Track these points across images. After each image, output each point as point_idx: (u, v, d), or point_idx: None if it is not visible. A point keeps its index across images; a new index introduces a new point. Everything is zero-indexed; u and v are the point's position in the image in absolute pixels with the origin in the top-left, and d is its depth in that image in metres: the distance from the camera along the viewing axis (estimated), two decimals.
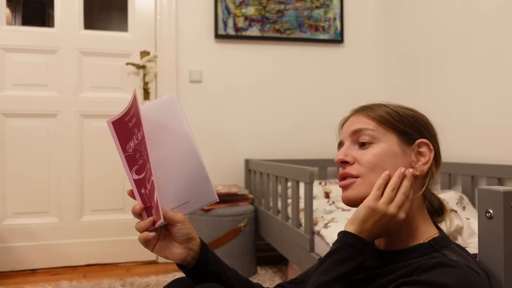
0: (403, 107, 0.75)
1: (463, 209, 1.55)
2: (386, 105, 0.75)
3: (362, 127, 0.72)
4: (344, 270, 0.64)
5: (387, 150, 0.70)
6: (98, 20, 2.60)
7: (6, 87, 2.32)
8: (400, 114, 0.72)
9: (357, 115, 0.76)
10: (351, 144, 0.74)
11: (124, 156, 0.71)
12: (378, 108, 0.74)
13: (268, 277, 2.15)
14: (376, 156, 0.70)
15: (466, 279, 0.57)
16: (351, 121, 0.76)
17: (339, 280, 0.63)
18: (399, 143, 0.71)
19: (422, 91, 2.18)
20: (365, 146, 0.71)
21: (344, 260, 0.65)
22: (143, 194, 0.69)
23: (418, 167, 0.71)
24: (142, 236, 0.67)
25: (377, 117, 0.72)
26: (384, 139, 0.71)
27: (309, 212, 1.50)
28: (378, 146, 0.71)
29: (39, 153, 2.36)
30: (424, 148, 0.71)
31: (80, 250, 2.39)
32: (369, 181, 0.69)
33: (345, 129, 0.76)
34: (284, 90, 2.61)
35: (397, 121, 0.71)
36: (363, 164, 0.70)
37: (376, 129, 0.71)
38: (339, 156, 0.73)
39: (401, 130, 0.71)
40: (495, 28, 1.71)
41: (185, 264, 0.73)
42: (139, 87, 2.47)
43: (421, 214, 0.71)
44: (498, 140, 1.69)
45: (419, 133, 0.72)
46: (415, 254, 0.67)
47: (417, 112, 0.76)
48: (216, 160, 2.51)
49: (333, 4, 2.62)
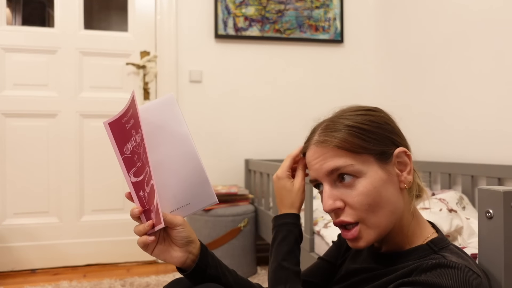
0: (360, 114, 0.68)
1: (463, 209, 1.55)
2: (343, 120, 0.68)
3: (338, 165, 0.65)
4: (287, 248, 0.74)
5: (374, 181, 0.64)
6: (98, 20, 2.60)
7: (6, 87, 2.32)
8: (366, 130, 0.66)
9: (322, 148, 0.68)
10: (332, 185, 0.67)
11: (121, 158, 0.70)
12: (340, 132, 0.66)
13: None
14: (366, 195, 0.64)
15: (465, 280, 0.56)
16: (318, 156, 0.68)
17: (286, 258, 0.73)
18: (380, 167, 0.66)
19: (422, 91, 2.18)
20: (348, 181, 0.65)
21: (283, 239, 0.74)
22: (142, 197, 0.68)
23: (404, 180, 0.67)
24: (141, 240, 0.66)
25: (348, 146, 0.65)
26: (365, 170, 0.65)
27: (309, 212, 1.50)
28: (363, 180, 0.65)
29: (39, 153, 2.36)
30: (402, 157, 0.68)
31: (80, 250, 2.39)
32: (372, 224, 0.65)
33: (314, 166, 0.69)
34: (284, 90, 2.61)
35: (369, 143, 0.65)
36: (356, 208, 0.65)
37: (354, 162, 0.65)
38: (327, 204, 0.66)
39: (378, 152, 0.66)
40: (495, 28, 1.71)
41: (184, 267, 0.72)
42: (139, 87, 2.47)
43: (414, 218, 0.70)
44: (498, 140, 1.69)
45: (392, 143, 0.67)
46: (413, 256, 0.66)
47: (375, 112, 0.70)
48: (216, 160, 2.51)
49: (333, 4, 2.62)
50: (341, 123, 0.67)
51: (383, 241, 0.72)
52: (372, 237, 0.66)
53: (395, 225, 0.68)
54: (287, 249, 0.74)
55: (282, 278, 0.72)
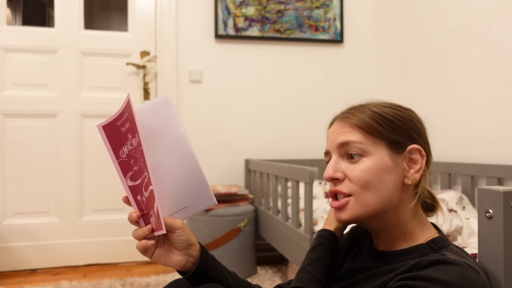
0: (389, 106, 0.71)
1: (463, 209, 1.55)
2: (371, 106, 0.71)
3: (349, 139, 0.69)
4: (315, 256, 0.80)
5: (378, 164, 0.67)
6: (98, 20, 2.60)
7: (6, 87, 2.32)
8: (387, 119, 0.69)
9: (342, 122, 0.72)
10: (339, 157, 0.71)
11: (117, 162, 0.68)
12: (363, 114, 0.70)
13: (268, 277, 2.15)
14: (366, 172, 0.67)
15: (464, 276, 0.56)
16: (337, 129, 0.72)
17: (311, 264, 0.78)
18: (389, 154, 0.68)
19: (422, 91, 2.18)
20: (354, 159, 0.69)
21: (313, 248, 0.82)
22: (139, 201, 0.67)
23: (410, 176, 0.69)
24: (141, 244, 0.66)
25: (364, 126, 0.69)
26: (373, 151, 0.68)
27: (309, 212, 1.50)
28: (368, 160, 0.68)
29: (39, 153, 2.36)
30: (415, 154, 0.69)
31: (80, 250, 2.39)
32: (362, 200, 0.68)
33: (330, 138, 0.73)
34: (284, 90, 2.61)
35: (385, 129, 0.68)
36: (354, 181, 0.68)
37: (365, 141, 0.68)
38: (328, 173, 0.70)
39: (390, 140, 0.68)
40: (495, 28, 1.71)
41: (185, 270, 0.72)
42: (139, 87, 2.47)
43: (416, 218, 0.70)
44: (498, 140, 1.69)
45: (409, 139, 0.69)
46: (413, 254, 0.67)
47: (404, 110, 0.72)
48: (216, 160, 2.51)
49: (333, 4, 2.62)
50: (367, 108, 0.71)
51: (381, 236, 0.72)
52: (357, 213, 0.69)
53: (391, 220, 0.69)
54: (315, 257, 0.80)
55: (301, 279, 0.76)
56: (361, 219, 0.69)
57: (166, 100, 0.68)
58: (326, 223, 0.88)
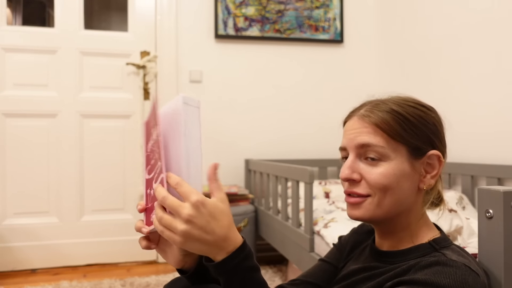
0: (412, 106, 0.70)
1: (463, 209, 1.55)
2: (393, 104, 0.69)
3: (371, 142, 0.67)
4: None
5: (397, 169, 0.66)
6: (98, 20, 2.60)
7: (6, 87, 2.32)
8: (410, 122, 0.67)
9: (362, 121, 0.69)
10: (356, 158, 0.69)
11: (145, 156, 0.70)
12: (385, 113, 0.67)
13: (268, 277, 2.15)
14: (385, 176, 0.66)
15: (463, 280, 0.56)
16: (357, 128, 0.69)
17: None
18: (408, 160, 0.67)
19: (422, 91, 2.18)
20: (373, 160, 0.67)
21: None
22: (148, 195, 0.67)
23: (426, 181, 0.68)
24: (140, 239, 0.66)
25: (387, 128, 0.66)
26: (393, 156, 0.66)
27: (309, 212, 1.50)
28: (387, 164, 0.66)
29: (39, 153, 2.36)
30: (434, 160, 0.69)
31: (80, 250, 2.39)
32: (379, 202, 0.67)
33: (349, 135, 0.70)
34: (284, 90, 2.61)
35: (408, 134, 0.66)
36: (371, 184, 0.67)
37: (386, 145, 0.66)
38: (345, 173, 0.68)
39: (412, 146, 0.67)
40: (495, 28, 1.71)
41: (185, 269, 0.71)
42: (139, 87, 2.47)
43: (422, 219, 0.71)
44: (498, 140, 1.69)
45: (429, 144, 0.69)
46: (415, 254, 0.67)
47: (427, 110, 0.71)
48: (216, 160, 2.51)
49: (333, 4, 2.62)
50: (390, 106, 0.69)
51: (388, 237, 0.72)
52: (370, 213, 0.68)
53: (401, 222, 0.69)
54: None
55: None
56: (373, 219, 0.69)
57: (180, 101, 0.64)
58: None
